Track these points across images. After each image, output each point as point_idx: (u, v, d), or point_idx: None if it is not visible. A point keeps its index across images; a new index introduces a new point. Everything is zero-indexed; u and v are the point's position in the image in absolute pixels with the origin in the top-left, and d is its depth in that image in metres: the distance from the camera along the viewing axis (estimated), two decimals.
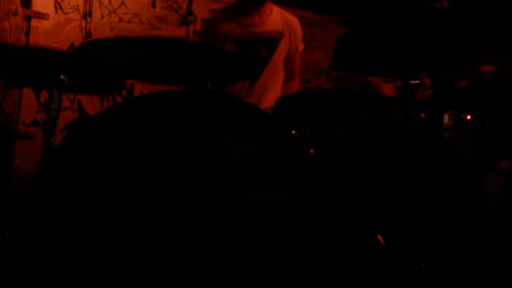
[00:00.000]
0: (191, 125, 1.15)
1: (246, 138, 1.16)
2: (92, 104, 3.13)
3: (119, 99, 3.16)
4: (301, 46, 2.30)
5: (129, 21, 3.31)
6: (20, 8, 2.40)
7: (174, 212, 1.11)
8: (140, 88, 3.15)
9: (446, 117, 1.97)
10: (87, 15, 3.22)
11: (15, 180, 2.43)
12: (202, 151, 1.16)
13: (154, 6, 3.39)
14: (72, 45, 3.15)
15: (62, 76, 1.35)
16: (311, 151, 1.21)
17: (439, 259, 1.54)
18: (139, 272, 1.06)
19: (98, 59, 1.30)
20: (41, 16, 3.07)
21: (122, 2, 3.30)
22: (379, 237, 1.71)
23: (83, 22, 3.21)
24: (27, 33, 3.00)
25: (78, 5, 3.20)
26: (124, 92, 3.12)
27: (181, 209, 1.12)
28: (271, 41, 2.06)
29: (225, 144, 1.17)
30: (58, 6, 3.14)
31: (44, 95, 2.75)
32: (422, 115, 1.82)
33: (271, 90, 2.07)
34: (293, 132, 1.21)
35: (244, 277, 1.12)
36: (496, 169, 1.90)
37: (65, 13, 3.16)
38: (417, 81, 1.66)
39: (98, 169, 1.09)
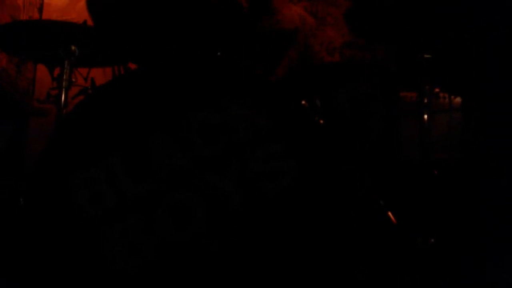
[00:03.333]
0: (194, 93, 1.15)
1: (252, 107, 1.16)
2: (105, 80, 3.14)
3: None
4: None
5: None
6: None
7: (178, 179, 1.12)
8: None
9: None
10: None
11: (30, 156, 2.48)
12: (206, 119, 1.16)
13: None
14: (85, 22, 3.15)
15: (73, 47, 1.36)
16: (321, 121, 1.20)
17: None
18: (145, 239, 1.08)
19: (106, 30, 1.30)
20: None
21: None
22: (390, 214, 1.71)
23: None
24: (40, 10, 3.02)
25: None
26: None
27: (184, 176, 1.13)
28: (287, 36, 2.01)
29: (230, 112, 1.16)
30: None
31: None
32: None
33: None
34: (303, 102, 1.19)
35: (246, 248, 1.13)
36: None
37: None
38: (429, 55, 1.63)
39: (104, 137, 1.10)
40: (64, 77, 1.37)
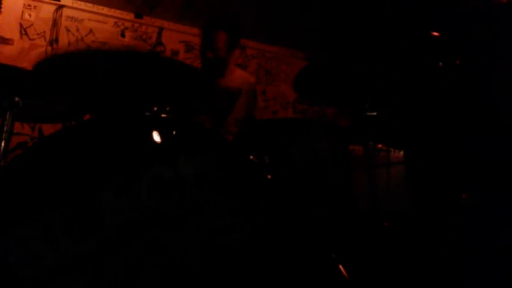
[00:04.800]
0: (147, 148, 1.13)
1: (204, 162, 1.16)
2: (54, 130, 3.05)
3: None
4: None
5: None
6: None
7: (126, 236, 1.07)
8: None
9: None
10: (53, 41, 3.20)
11: None
12: (159, 174, 1.14)
13: (123, 35, 3.41)
14: None
15: (17, 98, 1.32)
16: (268, 176, 1.22)
17: None
18: None
19: (55, 79, 1.28)
20: (5, 41, 3.03)
21: (91, 31, 3.31)
22: (341, 267, 1.71)
23: (49, 48, 3.18)
24: None
25: (44, 32, 3.18)
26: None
27: (135, 233, 1.08)
28: (233, 94, 2.27)
29: (182, 167, 1.16)
30: (23, 32, 3.11)
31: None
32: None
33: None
34: (251, 157, 1.21)
35: None
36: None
37: (30, 39, 3.13)
38: (374, 113, 1.73)
39: (43, 192, 1.05)
40: (5, 128, 1.32)
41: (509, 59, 1.65)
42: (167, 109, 1.28)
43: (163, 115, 1.19)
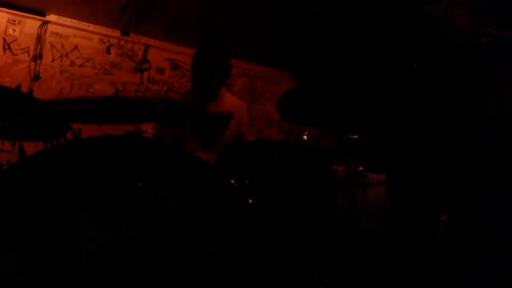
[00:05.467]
0: (124, 172, 1.12)
1: (183, 187, 1.15)
2: (35, 148, 3.00)
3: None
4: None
5: (81, 65, 3.29)
6: None
7: (99, 261, 1.05)
8: (88, 133, 3.08)
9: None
10: (37, 57, 3.17)
11: None
12: (136, 199, 1.13)
13: (108, 52, 3.40)
14: (18, 86, 3.07)
15: None
16: (250, 200, 1.21)
17: None
18: None
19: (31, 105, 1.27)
20: None
21: (76, 47, 3.29)
22: None
23: (32, 64, 3.15)
24: None
25: (28, 47, 3.15)
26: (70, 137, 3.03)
27: (109, 260, 1.06)
28: (223, 118, 2.30)
29: (161, 192, 1.15)
30: (6, 47, 3.08)
31: None
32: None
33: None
34: (232, 181, 1.21)
35: None
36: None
37: (14, 54, 3.10)
38: (356, 136, 1.76)
39: (17, 216, 1.03)
40: None
41: (485, 75, 1.70)
42: (147, 131, 1.27)
43: (143, 137, 1.19)
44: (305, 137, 2.23)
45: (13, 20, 3.10)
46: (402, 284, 1.91)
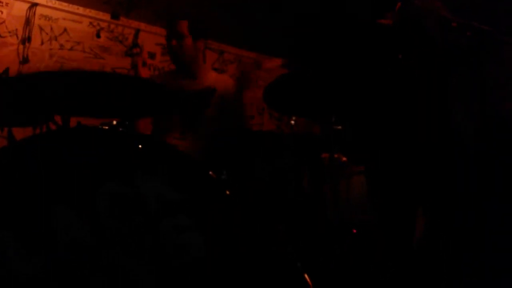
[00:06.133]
0: (102, 164, 1.12)
1: (161, 179, 1.15)
2: (23, 132, 2.98)
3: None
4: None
5: (70, 49, 3.25)
6: None
7: (78, 256, 1.06)
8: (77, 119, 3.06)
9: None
10: (25, 40, 3.13)
11: None
12: (116, 192, 1.13)
13: (98, 36, 3.36)
14: (6, 70, 3.03)
15: None
16: (227, 192, 1.22)
17: None
18: None
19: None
20: None
21: (65, 30, 3.25)
22: (306, 276, 1.73)
23: (21, 47, 3.11)
24: None
25: (16, 29, 3.11)
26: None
27: (86, 253, 1.07)
28: (203, 95, 2.26)
29: (141, 185, 1.15)
30: None
31: None
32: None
33: (205, 140, 2.14)
34: (210, 173, 1.21)
35: None
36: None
37: (1, 37, 3.06)
38: (340, 127, 1.76)
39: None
40: None
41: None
42: (126, 123, 1.27)
43: (121, 129, 1.18)
44: (292, 122, 2.21)
45: (0, 2, 3.05)
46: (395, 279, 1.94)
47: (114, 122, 1.30)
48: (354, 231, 2.43)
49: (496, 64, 1.68)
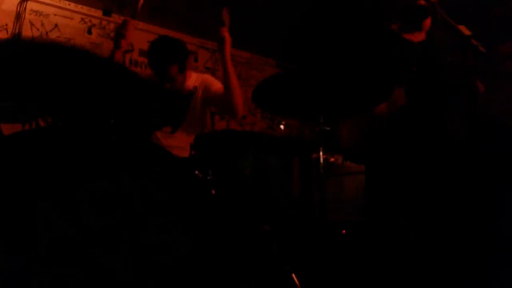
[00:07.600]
0: (87, 162, 1.11)
1: (146, 177, 1.14)
2: (12, 128, 2.95)
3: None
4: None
5: None
6: None
7: (62, 254, 1.04)
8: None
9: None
10: (16, 35, 3.09)
11: None
12: (100, 189, 1.12)
13: (90, 32, 3.34)
14: None
15: None
16: (213, 191, 1.21)
17: None
18: None
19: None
20: None
21: (56, 26, 3.22)
22: (294, 276, 1.72)
23: None
24: None
25: (7, 24, 3.07)
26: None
27: (69, 250, 1.05)
28: (186, 96, 2.34)
29: (126, 182, 1.14)
30: None
31: None
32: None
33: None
34: (196, 172, 1.21)
35: None
36: None
37: None
38: (328, 128, 1.75)
39: None
40: None
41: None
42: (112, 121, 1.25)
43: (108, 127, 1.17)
44: (282, 126, 2.21)
45: None
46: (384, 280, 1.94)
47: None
48: (344, 232, 2.44)
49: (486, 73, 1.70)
